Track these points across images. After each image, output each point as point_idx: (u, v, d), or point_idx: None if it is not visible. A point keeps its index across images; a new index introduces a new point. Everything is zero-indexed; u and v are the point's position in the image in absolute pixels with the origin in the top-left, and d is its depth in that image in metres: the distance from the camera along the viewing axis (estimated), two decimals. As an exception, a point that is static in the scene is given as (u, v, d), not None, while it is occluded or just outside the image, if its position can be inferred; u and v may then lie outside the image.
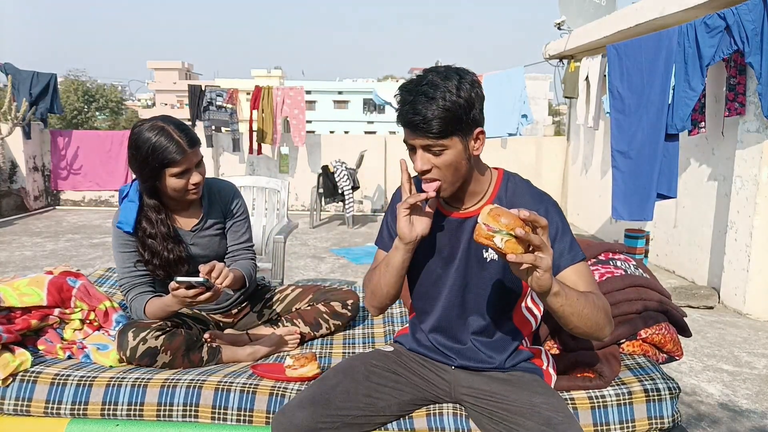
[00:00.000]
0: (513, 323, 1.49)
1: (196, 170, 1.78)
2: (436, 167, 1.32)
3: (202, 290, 1.60)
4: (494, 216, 1.14)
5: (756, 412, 2.61)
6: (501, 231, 1.12)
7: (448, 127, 1.26)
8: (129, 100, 45.37)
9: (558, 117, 24.87)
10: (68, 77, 26.39)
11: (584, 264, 1.37)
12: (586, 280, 1.35)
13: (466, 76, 1.29)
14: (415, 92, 1.27)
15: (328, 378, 1.45)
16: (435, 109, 1.24)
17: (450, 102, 1.25)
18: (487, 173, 1.45)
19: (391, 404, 1.44)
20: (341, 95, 41.89)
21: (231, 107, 8.12)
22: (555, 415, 1.30)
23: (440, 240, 1.46)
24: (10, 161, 7.96)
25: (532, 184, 1.47)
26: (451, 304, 1.47)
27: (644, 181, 4.13)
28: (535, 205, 1.38)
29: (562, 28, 6.90)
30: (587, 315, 1.25)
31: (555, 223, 1.37)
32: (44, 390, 1.58)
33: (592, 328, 1.27)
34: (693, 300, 4.20)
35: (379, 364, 1.51)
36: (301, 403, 1.36)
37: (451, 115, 1.25)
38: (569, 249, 1.36)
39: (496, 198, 1.43)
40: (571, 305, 1.23)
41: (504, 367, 1.47)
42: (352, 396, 1.40)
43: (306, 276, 4.98)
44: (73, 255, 5.69)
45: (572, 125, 7.79)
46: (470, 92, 1.27)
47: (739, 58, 3.91)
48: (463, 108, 1.26)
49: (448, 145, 1.29)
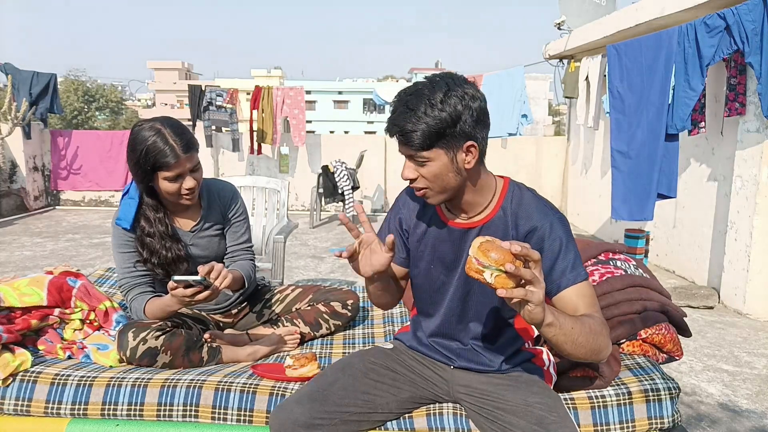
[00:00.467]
0: (514, 329, 1.48)
1: (190, 175, 1.76)
2: (421, 177, 1.31)
3: (200, 289, 1.60)
4: (484, 251, 1.11)
5: (756, 412, 2.61)
6: (490, 266, 1.10)
7: (428, 140, 1.24)
8: (129, 100, 45.33)
9: (558, 117, 24.87)
10: (68, 77, 26.37)
11: (586, 284, 1.33)
12: (587, 301, 1.31)
13: (455, 88, 1.25)
14: (400, 102, 1.27)
15: (327, 375, 1.45)
16: (414, 122, 1.23)
17: (430, 116, 1.22)
18: (491, 182, 1.41)
19: (390, 402, 1.44)
20: (341, 95, 41.87)
21: (231, 107, 8.12)
22: (548, 415, 1.30)
23: (444, 248, 1.45)
24: (10, 161, 7.96)
25: (538, 196, 1.42)
26: (452, 311, 1.47)
27: (644, 181, 4.12)
28: (539, 220, 1.35)
29: (562, 28, 6.90)
30: (582, 342, 1.21)
31: (558, 239, 1.33)
32: (44, 390, 1.58)
33: (587, 354, 1.23)
34: (693, 300, 4.20)
35: (378, 361, 1.51)
36: (300, 399, 1.37)
37: (430, 129, 1.23)
38: (572, 268, 1.32)
39: (500, 210, 1.39)
40: (565, 334, 1.18)
41: (504, 370, 1.47)
42: (350, 393, 1.40)
43: (306, 276, 4.98)
44: (73, 255, 5.69)
45: (572, 125, 7.79)
46: (456, 105, 1.23)
47: (740, 58, 3.91)
48: (445, 122, 1.23)
49: (431, 158, 1.27)
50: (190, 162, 1.75)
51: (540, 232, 1.34)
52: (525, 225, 1.36)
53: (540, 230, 1.34)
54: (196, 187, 1.79)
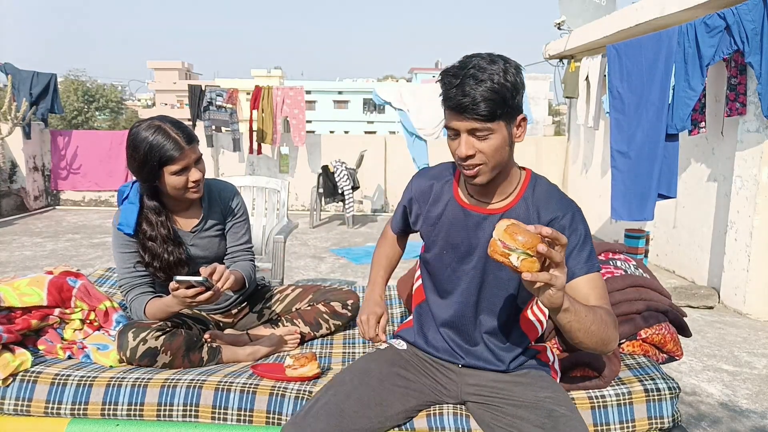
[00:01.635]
0: (520, 328, 1.49)
1: (195, 167, 1.77)
2: (479, 152, 1.30)
3: (202, 290, 1.60)
4: (511, 233, 1.09)
5: (756, 411, 2.61)
6: (517, 249, 1.08)
7: (496, 109, 1.25)
8: (129, 100, 45.28)
9: (558, 117, 24.85)
10: (68, 77, 26.35)
11: (599, 275, 1.35)
12: (599, 292, 1.33)
13: (510, 61, 1.29)
14: (462, 75, 1.25)
15: (345, 383, 1.43)
16: (483, 90, 1.23)
17: (498, 84, 1.24)
18: (517, 171, 1.44)
19: (399, 412, 1.43)
20: (341, 95, 41.87)
21: (231, 107, 8.12)
22: (557, 408, 1.31)
23: (458, 234, 1.44)
24: (10, 161, 7.96)
25: (558, 189, 1.45)
26: (466, 300, 1.46)
27: (644, 181, 4.12)
28: (561, 210, 1.38)
29: (562, 28, 6.90)
30: (594, 331, 1.23)
31: (579, 232, 1.36)
32: (44, 390, 1.58)
33: (597, 343, 1.25)
34: (693, 300, 4.20)
35: (394, 368, 1.49)
36: (317, 414, 1.33)
37: (499, 97, 1.24)
38: (587, 258, 1.34)
39: (522, 198, 1.41)
40: (579, 321, 1.20)
41: (511, 369, 1.47)
42: (365, 406, 1.38)
43: (306, 276, 4.98)
44: (73, 255, 5.69)
45: (572, 125, 7.79)
46: (516, 77, 1.27)
47: (740, 57, 3.91)
48: (509, 91, 1.26)
49: (494, 129, 1.27)
50: (194, 153, 1.76)
51: (562, 222, 1.37)
52: (547, 214, 1.38)
53: (562, 220, 1.37)
54: (201, 179, 1.80)
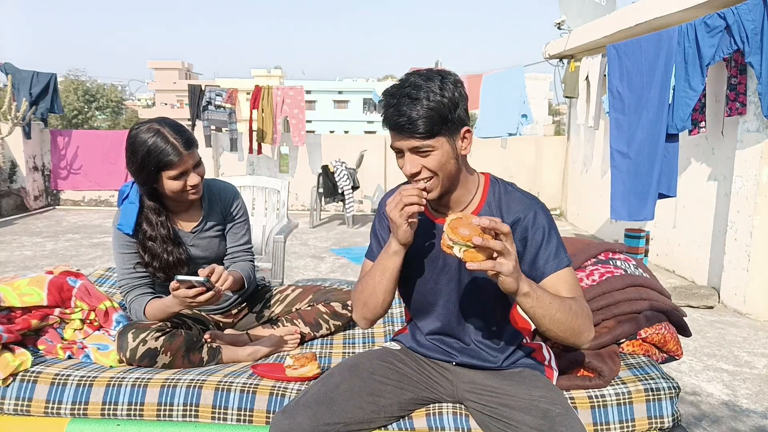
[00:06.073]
0: (512, 325, 1.50)
1: (193, 171, 1.77)
2: (425, 168, 1.32)
3: (202, 290, 1.60)
4: (453, 227, 1.17)
5: (756, 411, 2.61)
6: (458, 242, 1.15)
7: (434, 126, 1.27)
8: (129, 100, 45.30)
9: (558, 117, 24.85)
10: (68, 77, 26.36)
11: (569, 270, 1.37)
12: (569, 286, 1.35)
13: (448, 77, 1.31)
14: (398, 95, 1.28)
15: (334, 375, 1.44)
16: (419, 109, 1.25)
17: (434, 102, 1.26)
18: (474, 178, 1.45)
19: (393, 404, 1.44)
20: (341, 95, 41.88)
21: (230, 107, 8.12)
22: (552, 408, 1.31)
23: (431, 247, 1.45)
24: (10, 161, 7.96)
25: (519, 189, 1.47)
26: (449, 311, 1.47)
27: (644, 181, 4.12)
28: (522, 211, 1.40)
29: (562, 27, 6.90)
30: (560, 319, 1.25)
31: (542, 228, 1.38)
32: (44, 390, 1.58)
33: (566, 332, 1.27)
34: (693, 300, 4.20)
35: (385, 362, 1.50)
36: (307, 403, 1.34)
37: (435, 114, 1.26)
38: (554, 255, 1.37)
39: (485, 204, 1.42)
40: (543, 307, 1.23)
41: (505, 366, 1.48)
42: (356, 395, 1.39)
43: (306, 276, 4.98)
44: (73, 255, 5.69)
45: (572, 125, 7.79)
46: (453, 92, 1.28)
47: (740, 57, 3.91)
48: (447, 107, 1.27)
49: (435, 146, 1.29)
50: (193, 158, 1.75)
51: (524, 223, 1.39)
52: (509, 216, 1.40)
53: (524, 221, 1.39)
54: (200, 183, 1.80)
